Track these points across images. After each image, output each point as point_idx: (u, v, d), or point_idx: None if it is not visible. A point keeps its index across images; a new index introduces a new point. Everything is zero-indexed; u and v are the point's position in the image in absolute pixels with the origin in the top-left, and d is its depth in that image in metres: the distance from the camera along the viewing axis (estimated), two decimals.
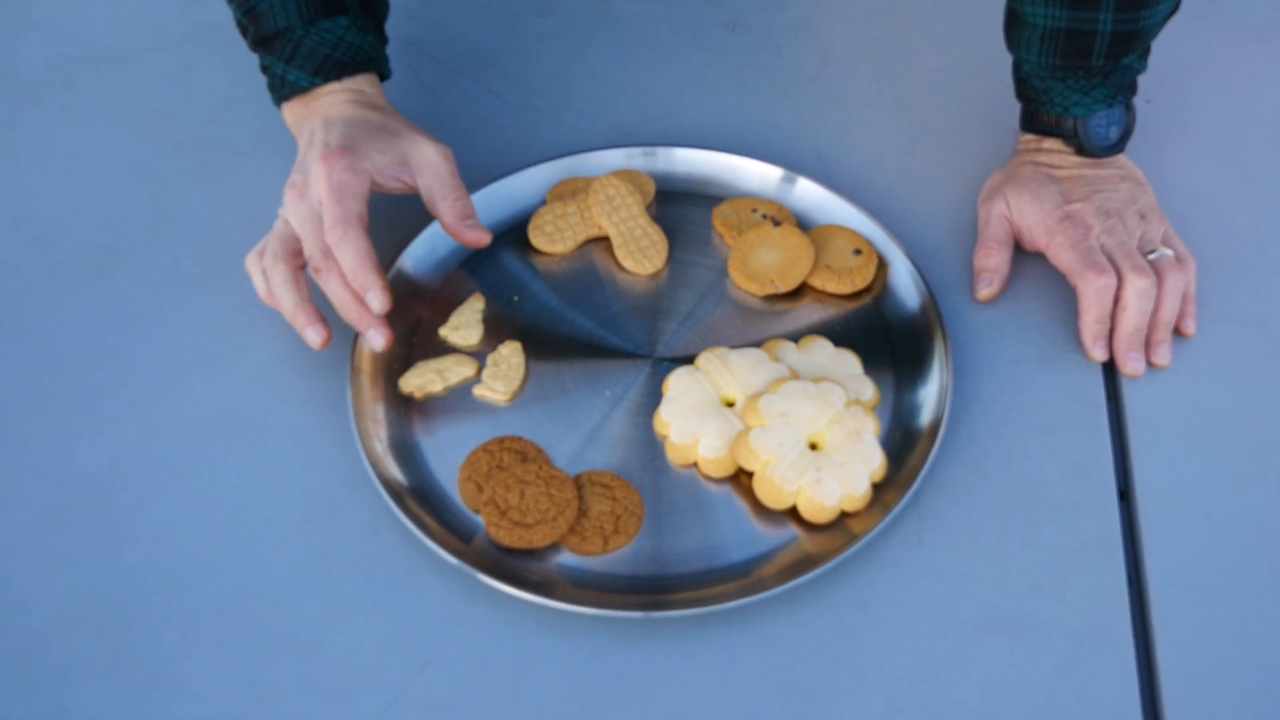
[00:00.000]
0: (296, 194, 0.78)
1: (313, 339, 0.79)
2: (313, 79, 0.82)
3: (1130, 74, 0.86)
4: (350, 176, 0.78)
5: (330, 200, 0.77)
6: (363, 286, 0.77)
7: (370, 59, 0.84)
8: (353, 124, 0.81)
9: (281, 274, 0.79)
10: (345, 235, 0.76)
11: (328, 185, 0.77)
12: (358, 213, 0.77)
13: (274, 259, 0.79)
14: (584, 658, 0.72)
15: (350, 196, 0.77)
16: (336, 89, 0.83)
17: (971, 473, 0.79)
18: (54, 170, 0.94)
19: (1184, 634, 0.73)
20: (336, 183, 0.77)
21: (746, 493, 0.77)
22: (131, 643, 0.72)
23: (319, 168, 0.77)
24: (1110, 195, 0.86)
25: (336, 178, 0.77)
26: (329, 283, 0.78)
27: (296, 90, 0.83)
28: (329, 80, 0.83)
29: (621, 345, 0.84)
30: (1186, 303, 0.85)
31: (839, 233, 0.88)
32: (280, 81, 0.83)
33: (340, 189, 0.77)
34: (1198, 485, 0.78)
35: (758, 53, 1.03)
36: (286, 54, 0.82)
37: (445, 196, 0.81)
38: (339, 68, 0.83)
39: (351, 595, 0.74)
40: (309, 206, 0.78)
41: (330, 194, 0.77)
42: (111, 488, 0.78)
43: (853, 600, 0.74)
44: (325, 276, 0.78)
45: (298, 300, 0.79)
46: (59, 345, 0.85)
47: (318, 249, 0.78)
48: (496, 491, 0.76)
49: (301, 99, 0.84)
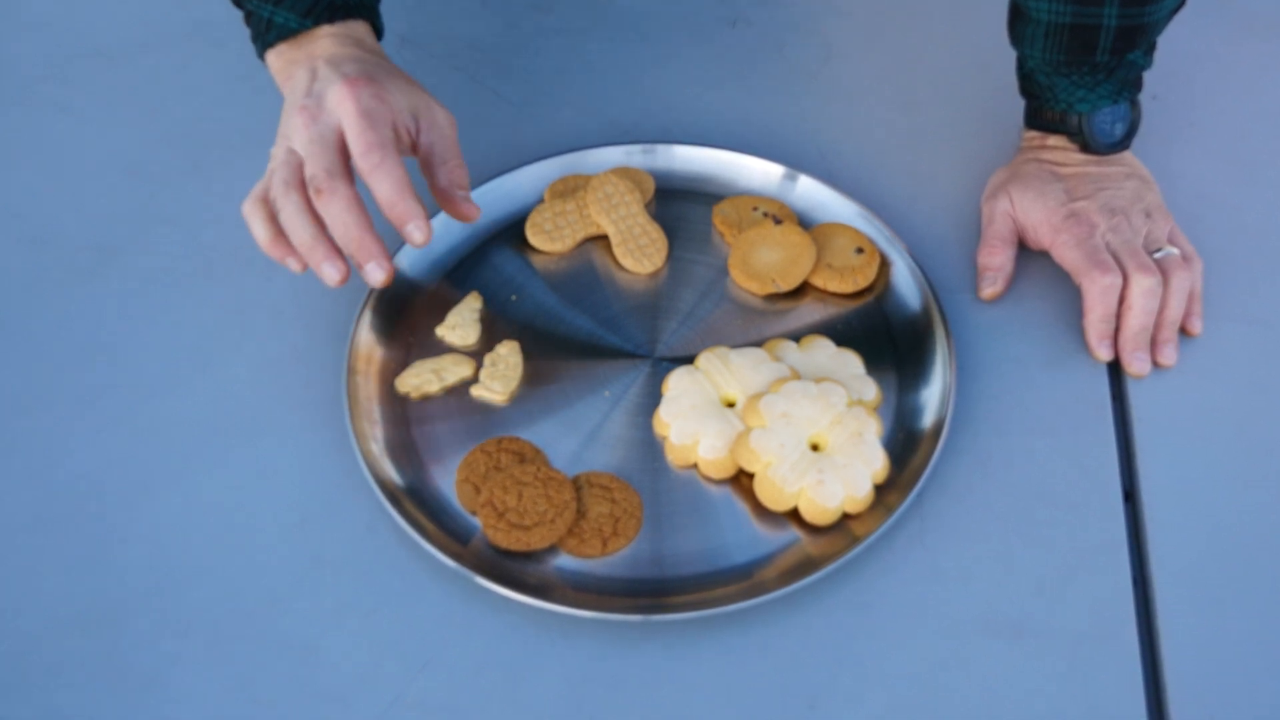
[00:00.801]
0: (309, 116, 0.74)
1: (330, 274, 0.74)
2: (303, 20, 0.79)
3: (1135, 70, 0.86)
4: (379, 104, 0.74)
5: (362, 124, 0.73)
6: (402, 216, 0.73)
7: (364, 5, 0.81)
8: (365, 61, 0.78)
9: (295, 202, 0.73)
10: (383, 161, 0.72)
11: (356, 110, 0.73)
12: (391, 139, 0.74)
13: (285, 187, 0.74)
14: (583, 661, 0.72)
15: (382, 123, 0.74)
16: (332, 32, 0.80)
17: (975, 474, 0.79)
18: (46, 167, 0.94)
19: (1190, 637, 0.73)
20: (365, 109, 0.73)
21: (747, 494, 0.77)
22: (124, 646, 0.72)
23: (343, 91, 0.73)
24: (1115, 193, 0.86)
25: (365, 104, 0.73)
26: (332, 204, 0.73)
27: (284, 34, 0.79)
28: (320, 23, 0.79)
29: (621, 345, 0.84)
30: (1193, 302, 0.85)
31: (841, 231, 0.88)
32: (266, 25, 0.80)
33: (371, 115, 0.73)
34: (1204, 486, 0.78)
35: (759, 49, 1.03)
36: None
37: (445, 160, 0.79)
38: (331, 10, 0.79)
39: (347, 598, 0.74)
40: (320, 129, 0.74)
41: (360, 118, 0.73)
42: (104, 489, 0.78)
43: (855, 603, 0.74)
44: (328, 198, 0.73)
45: (315, 233, 0.73)
46: (50, 344, 0.85)
47: (323, 168, 0.73)
48: (494, 493, 0.76)
49: (290, 43, 0.80)
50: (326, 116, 0.74)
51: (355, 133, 0.73)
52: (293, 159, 0.74)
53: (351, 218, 0.73)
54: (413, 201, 0.73)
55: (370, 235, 0.73)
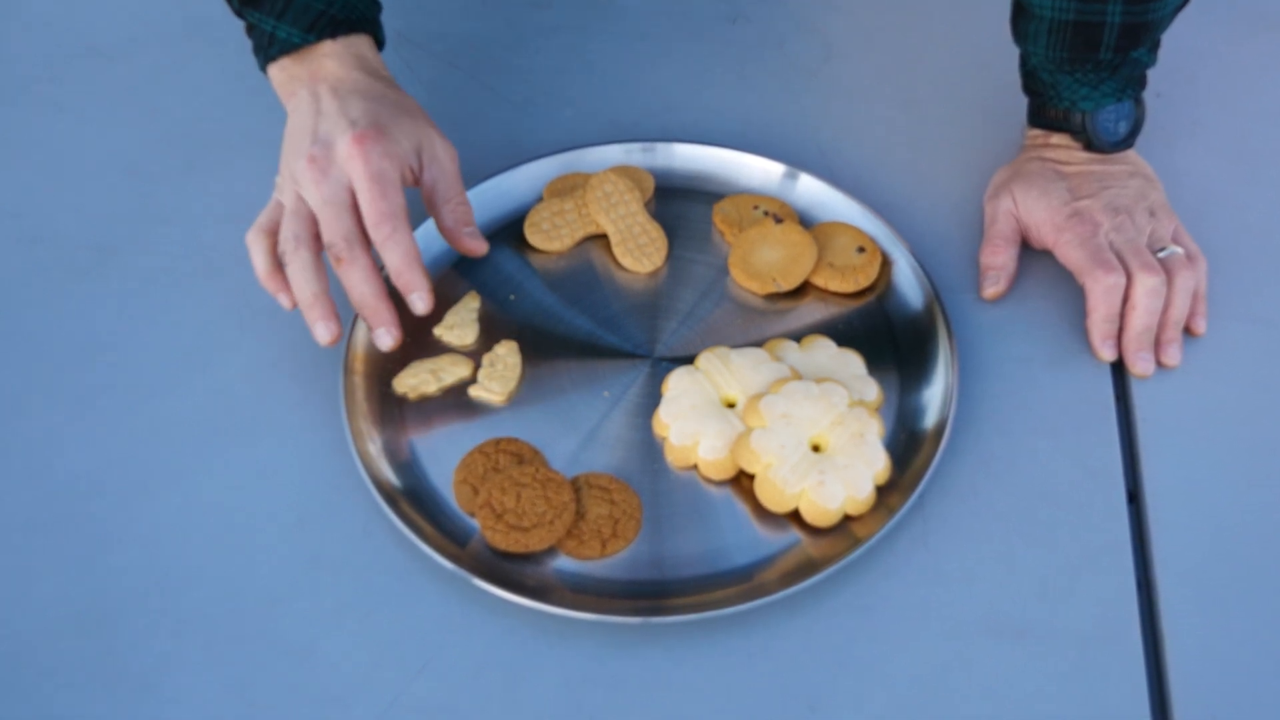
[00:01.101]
0: (319, 171, 0.75)
1: (323, 335, 0.76)
2: (305, 35, 0.80)
3: (1140, 67, 0.86)
4: (389, 164, 0.75)
5: (373, 192, 0.74)
6: (408, 286, 0.76)
7: (366, 19, 0.82)
8: (371, 98, 0.78)
9: (304, 260, 0.75)
10: (394, 233, 0.74)
11: (367, 174, 0.75)
12: (402, 205, 0.76)
13: (295, 242, 0.75)
14: (581, 664, 0.72)
15: (393, 188, 0.75)
16: (334, 50, 0.80)
17: (977, 475, 0.79)
18: (42, 167, 0.94)
19: (1194, 639, 0.72)
20: (376, 171, 0.75)
21: (748, 496, 0.77)
22: (119, 649, 0.72)
23: (353, 150, 0.75)
24: (1119, 191, 0.86)
25: (375, 165, 0.75)
26: (351, 273, 0.75)
27: (287, 49, 0.80)
28: (323, 38, 0.80)
29: (620, 345, 0.84)
30: (1197, 301, 0.84)
31: (842, 230, 0.88)
32: (269, 39, 0.80)
33: (382, 179, 0.75)
34: (1208, 487, 0.78)
35: (759, 46, 1.02)
36: (278, 10, 0.79)
37: (448, 199, 0.80)
38: (334, 25, 0.80)
39: (344, 600, 0.74)
40: (333, 188, 0.75)
41: (373, 185, 0.75)
42: (99, 490, 0.78)
43: (856, 605, 0.74)
44: (348, 267, 0.75)
45: (317, 290, 0.76)
46: (47, 344, 0.84)
47: (342, 237, 0.75)
48: (492, 494, 0.76)
49: (294, 58, 0.80)
50: (336, 173, 0.75)
51: (368, 199, 0.75)
52: (304, 210, 0.76)
53: (369, 288, 0.76)
54: (419, 274, 0.76)
55: (385, 303, 0.77)
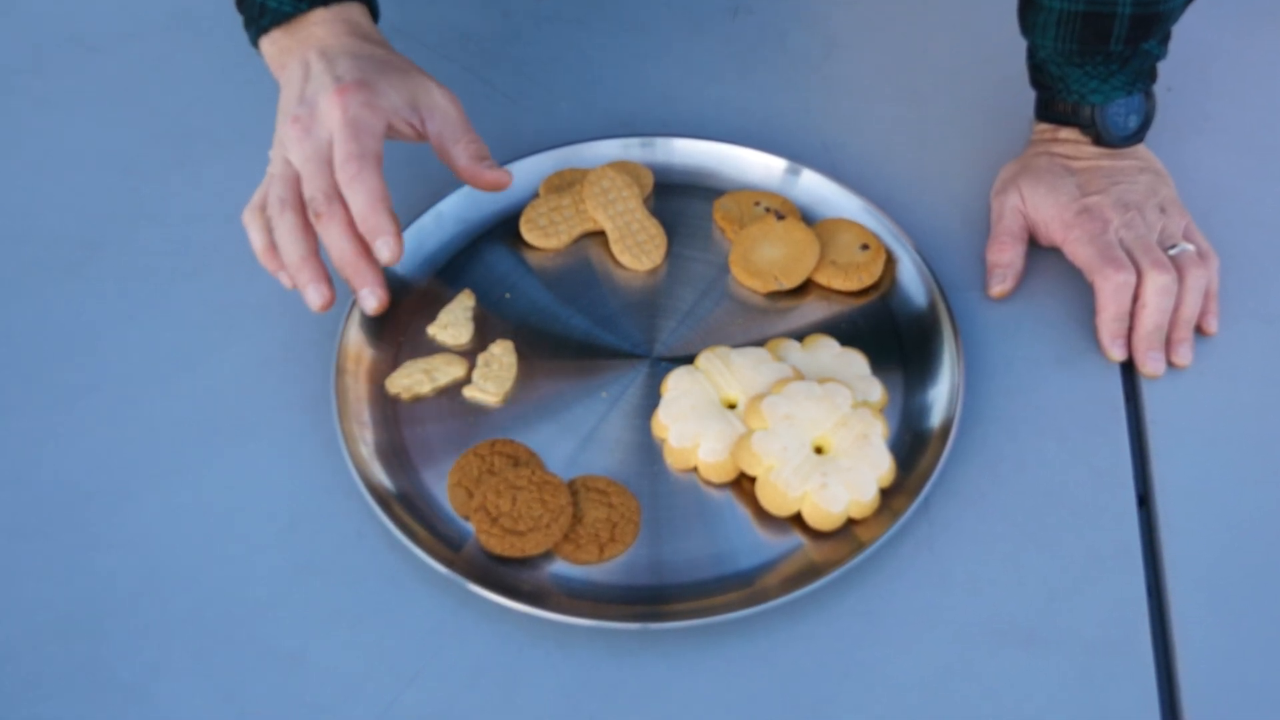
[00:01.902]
0: (302, 129, 0.75)
1: (314, 299, 0.75)
2: (297, 4, 0.79)
3: (1150, 60, 0.86)
4: (368, 113, 0.75)
5: (345, 135, 0.74)
6: (373, 230, 0.74)
7: None
8: (359, 56, 0.78)
9: (290, 222, 0.75)
10: (360, 172, 0.74)
11: (343, 120, 0.74)
12: (374, 151, 0.75)
13: (280, 205, 0.75)
14: (578, 671, 0.72)
15: (367, 133, 0.75)
16: (326, 17, 0.80)
17: (984, 477, 0.79)
18: (26, 161, 0.94)
19: (1206, 646, 0.72)
20: (352, 118, 0.74)
21: (749, 499, 0.77)
22: (105, 655, 0.72)
23: (333, 100, 0.75)
24: (1129, 187, 0.86)
25: (353, 113, 0.74)
26: (330, 228, 0.75)
27: (278, 19, 0.79)
28: (314, 6, 0.79)
29: (618, 344, 0.84)
30: (1209, 300, 0.85)
31: (845, 227, 0.88)
32: (260, 10, 0.80)
33: (356, 124, 0.74)
34: (1220, 490, 0.78)
35: (761, 39, 1.02)
36: None
37: (458, 139, 0.80)
38: None
39: (336, 606, 0.74)
40: (315, 144, 0.75)
41: (345, 128, 0.74)
42: (85, 493, 0.78)
43: (860, 611, 0.74)
44: (326, 222, 0.74)
45: (305, 253, 0.75)
46: (30, 343, 0.84)
47: (321, 191, 0.74)
48: (487, 497, 0.76)
49: (285, 29, 0.80)
50: (319, 129, 0.75)
51: (338, 141, 0.74)
52: (289, 173, 0.76)
53: (348, 242, 0.75)
54: (385, 216, 0.74)
55: (366, 260, 0.75)
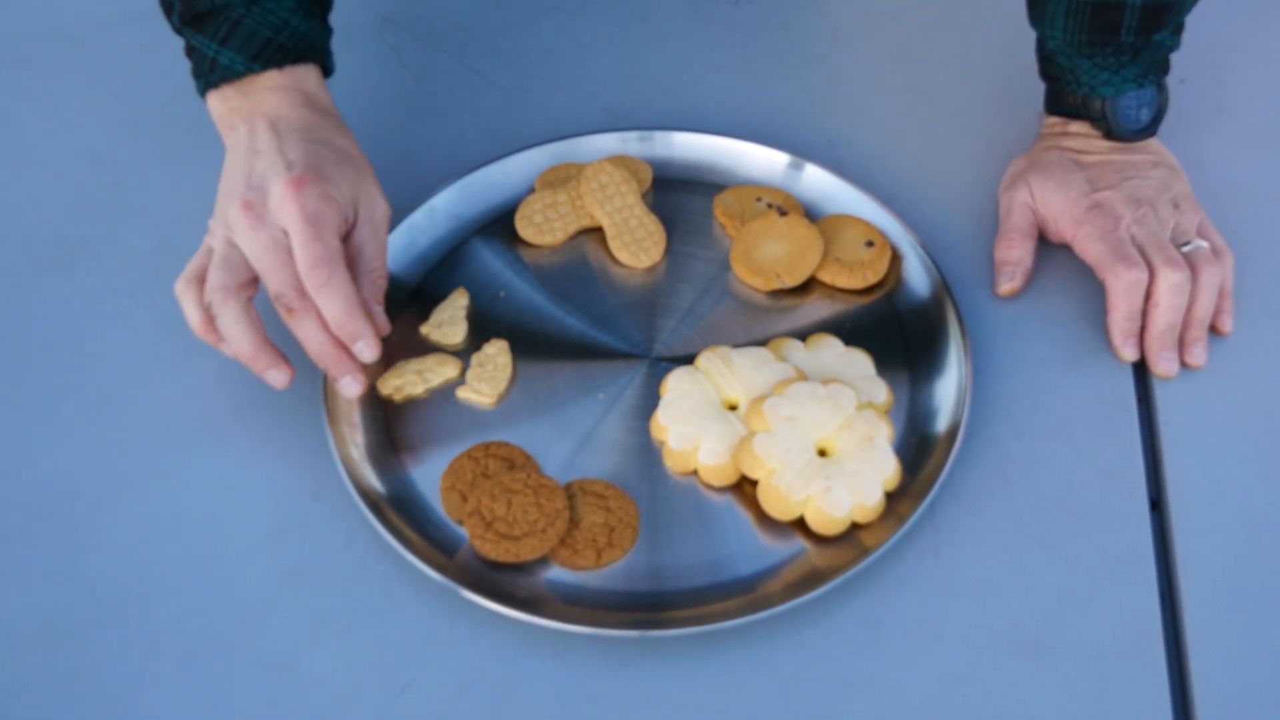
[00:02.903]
0: (255, 217, 0.75)
1: (278, 381, 0.76)
2: (250, 64, 0.79)
3: (1162, 51, 0.86)
4: (326, 207, 0.75)
5: (307, 235, 0.74)
6: (352, 336, 0.76)
7: (315, 48, 0.81)
8: (312, 140, 0.78)
9: (234, 311, 0.75)
10: (331, 278, 0.74)
11: (301, 216, 0.74)
12: (339, 250, 0.75)
13: (224, 293, 0.75)
14: (575, 680, 0.72)
15: (329, 232, 0.75)
16: (278, 82, 0.80)
17: (992, 481, 0.79)
18: (5, 156, 0.94)
19: (1221, 654, 0.73)
20: (312, 213, 0.74)
21: (750, 503, 0.77)
22: (89, 663, 0.72)
23: (288, 193, 0.74)
24: (1141, 182, 0.86)
25: (311, 208, 0.74)
26: (304, 325, 0.75)
27: (229, 76, 0.79)
28: (269, 67, 0.79)
29: (616, 344, 0.84)
30: (1223, 298, 0.85)
31: (850, 223, 0.88)
32: (210, 65, 0.79)
33: (317, 221, 0.74)
34: (1235, 493, 0.78)
35: (763, 29, 1.03)
36: (222, 34, 0.79)
37: (372, 269, 0.79)
38: (281, 54, 0.79)
39: (325, 613, 0.74)
40: (270, 235, 0.74)
41: (307, 227, 0.74)
42: (67, 498, 0.78)
43: (864, 618, 0.74)
44: (300, 317, 0.75)
45: (256, 342, 0.75)
46: (9, 344, 0.85)
47: (290, 287, 0.74)
48: (482, 501, 0.76)
49: (235, 87, 0.80)
50: (272, 218, 0.75)
51: (300, 242, 0.74)
52: (233, 256, 0.75)
53: (325, 336, 0.76)
54: (361, 320, 0.76)
55: (344, 350, 0.76)
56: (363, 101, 0.97)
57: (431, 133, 0.95)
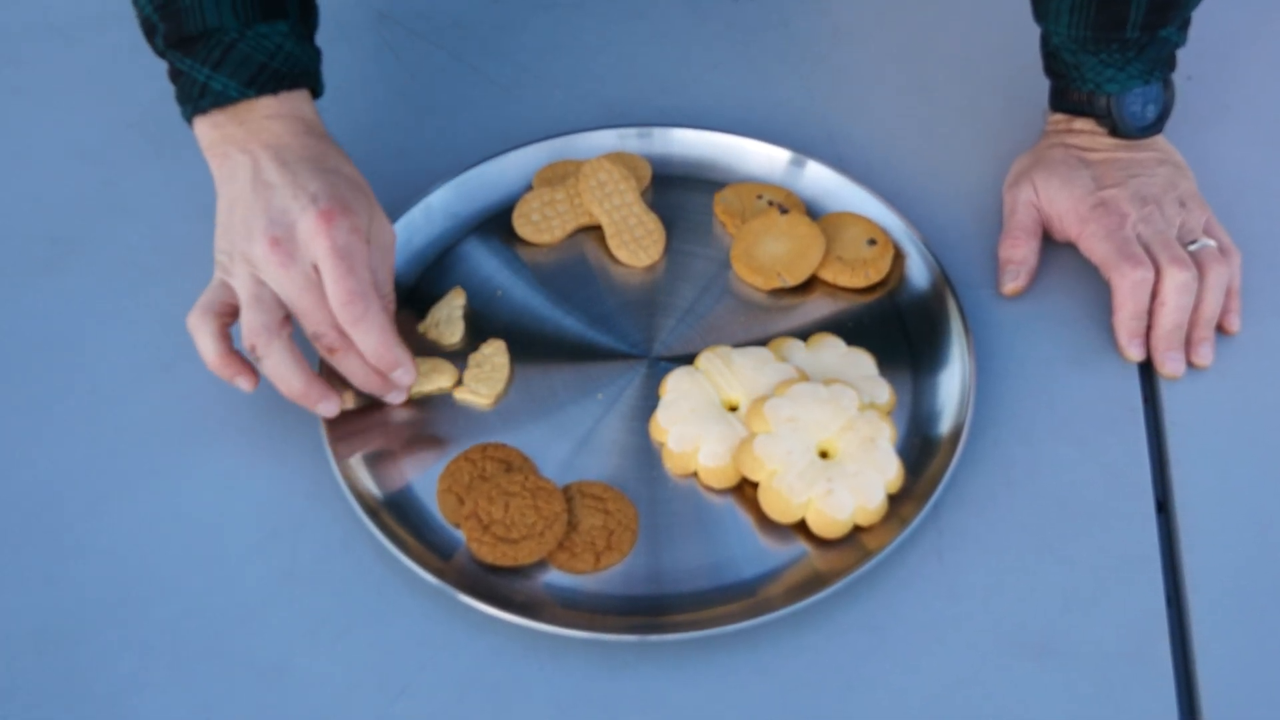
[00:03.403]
0: (285, 254, 0.74)
1: (331, 409, 0.78)
2: (244, 90, 0.77)
3: (1168, 47, 0.86)
4: (355, 240, 0.75)
5: (340, 270, 0.74)
6: (390, 364, 0.77)
7: (307, 72, 0.81)
8: (323, 169, 0.77)
9: (280, 351, 0.75)
10: (366, 312, 0.74)
11: (331, 250, 0.73)
12: (370, 283, 0.75)
13: (267, 334, 0.75)
14: (574, 685, 0.72)
15: (361, 265, 0.75)
16: (275, 110, 0.78)
17: (996, 483, 0.79)
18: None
19: (1228, 658, 0.73)
20: (343, 248, 0.74)
21: (751, 505, 0.77)
22: (81, 668, 0.72)
23: (319, 228, 0.74)
24: (1147, 180, 0.86)
25: (342, 242, 0.74)
26: (349, 361, 0.76)
27: (222, 101, 0.78)
28: (263, 93, 0.78)
29: (615, 344, 0.84)
30: (1230, 297, 0.85)
31: (852, 221, 0.88)
32: (200, 90, 0.78)
33: (349, 256, 0.74)
34: (1242, 495, 0.78)
35: (763, 25, 1.03)
36: (214, 59, 0.77)
37: (383, 294, 0.79)
38: (276, 80, 0.78)
39: (320, 617, 0.74)
40: (302, 273, 0.74)
41: (339, 263, 0.74)
42: (59, 500, 0.78)
43: (866, 622, 0.74)
44: (343, 355, 0.76)
45: (309, 379, 0.76)
46: (1, 345, 0.84)
47: (331, 326, 0.75)
48: (479, 504, 0.76)
49: (227, 113, 0.78)
50: (302, 254, 0.74)
51: (334, 278, 0.74)
52: (265, 295, 0.75)
53: (368, 369, 0.77)
54: (398, 348, 0.77)
55: (385, 378, 0.78)
56: (358, 98, 0.97)
57: (428, 130, 0.95)
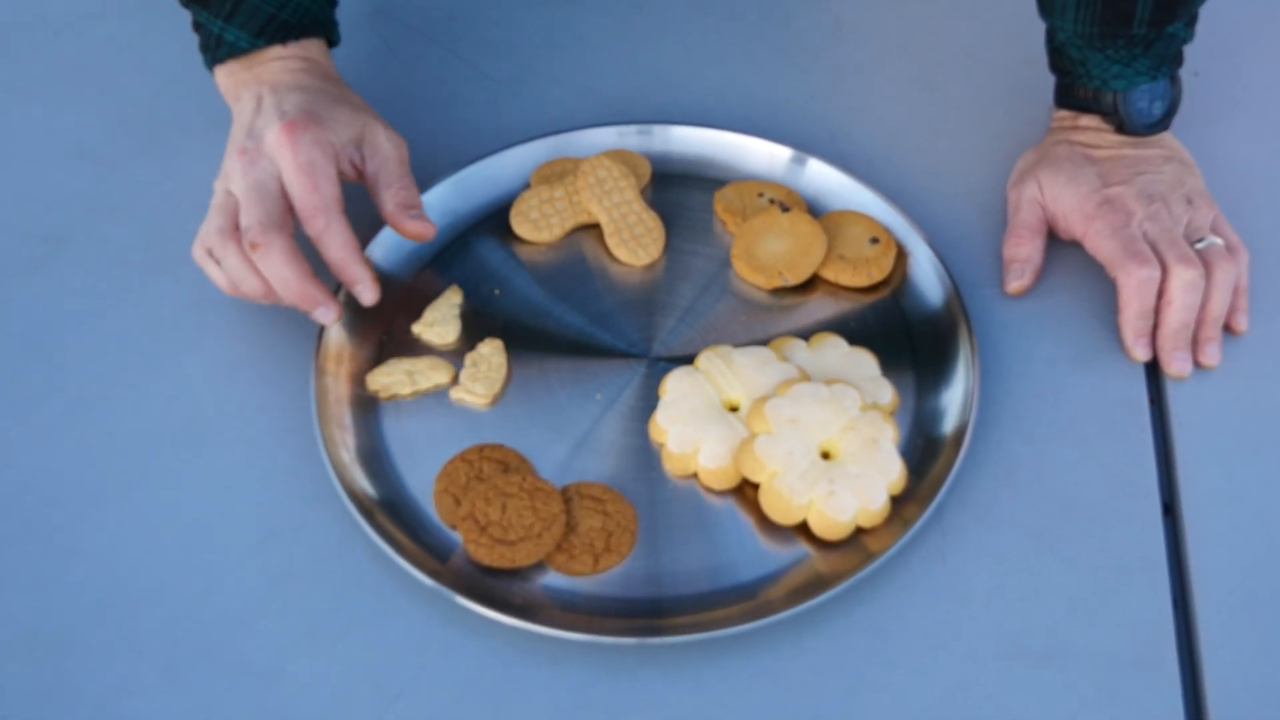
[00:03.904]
0: (248, 161, 0.77)
1: (328, 318, 0.79)
2: (254, 40, 0.81)
3: (1175, 43, 0.86)
4: (319, 153, 0.77)
5: (303, 184, 0.76)
6: (352, 280, 0.79)
7: (319, 21, 0.84)
8: (310, 90, 0.80)
9: (234, 252, 0.77)
10: (329, 225, 0.77)
11: (295, 164, 0.76)
12: (335, 196, 0.77)
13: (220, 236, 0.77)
14: (572, 688, 0.72)
15: (324, 178, 0.77)
16: (284, 54, 0.83)
17: (1000, 484, 0.79)
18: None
19: (1235, 662, 0.73)
20: (305, 162, 0.76)
21: (752, 506, 0.77)
22: (71, 672, 0.72)
23: (282, 139, 0.76)
24: (1154, 178, 0.86)
25: (305, 155, 0.76)
26: (269, 260, 0.76)
27: (235, 52, 0.82)
28: (273, 43, 0.82)
29: (614, 344, 0.84)
30: (1238, 296, 0.85)
31: (854, 219, 0.88)
32: (216, 41, 0.82)
33: (311, 169, 0.76)
34: (1250, 497, 0.78)
35: (764, 20, 1.03)
36: (226, 10, 0.81)
37: (390, 184, 0.81)
38: (285, 30, 0.82)
39: (315, 620, 0.74)
40: (258, 175, 0.77)
41: (301, 175, 0.76)
42: (50, 501, 0.78)
43: (868, 625, 0.74)
44: (264, 252, 0.76)
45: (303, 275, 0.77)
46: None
47: (257, 220, 0.76)
48: (476, 505, 0.76)
49: (241, 61, 0.83)
50: (265, 162, 0.77)
51: (298, 191, 0.77)
52: (229, 203, 0.78)
53: (290, 271, 0.77)
54: (360, 265, 0.79)
55: (311, 284, 0.78)
56: None
57: (424, 126, 0.95)
